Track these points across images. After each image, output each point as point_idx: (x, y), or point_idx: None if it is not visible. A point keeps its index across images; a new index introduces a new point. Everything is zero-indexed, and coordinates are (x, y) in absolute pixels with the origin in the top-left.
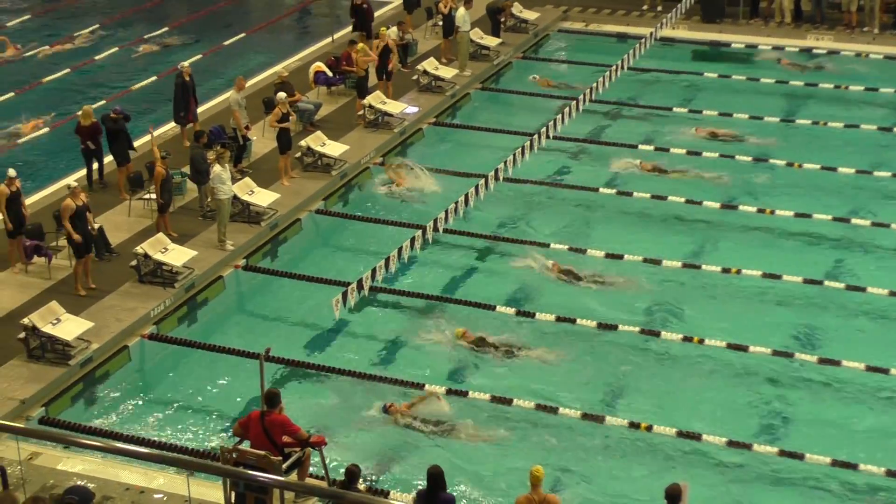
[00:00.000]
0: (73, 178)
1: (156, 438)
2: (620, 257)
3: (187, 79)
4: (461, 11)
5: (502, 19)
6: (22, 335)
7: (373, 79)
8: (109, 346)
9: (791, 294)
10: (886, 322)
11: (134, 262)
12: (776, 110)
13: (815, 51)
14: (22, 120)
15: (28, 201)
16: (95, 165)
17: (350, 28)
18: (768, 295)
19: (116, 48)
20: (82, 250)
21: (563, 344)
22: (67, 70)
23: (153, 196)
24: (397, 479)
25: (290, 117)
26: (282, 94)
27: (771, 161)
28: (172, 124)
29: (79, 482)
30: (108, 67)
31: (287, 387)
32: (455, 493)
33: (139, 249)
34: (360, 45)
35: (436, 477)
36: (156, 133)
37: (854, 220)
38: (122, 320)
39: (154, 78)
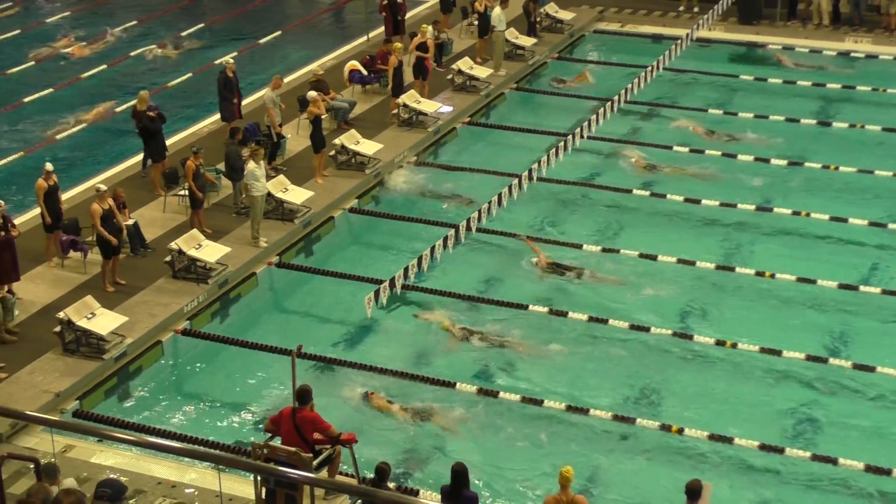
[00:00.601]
0: (113, 171)
1: (188, 433)
2: (654, 258)
3: (230, 74)
4: (497, 11)
5: (532, 19)
6: (57, 329)
7: (408, 77)
8: (143, 341)
9: (825, 298)
10: None
11: (168, 258)
12: (811, 113)
13: (824, 52)
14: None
15: (65, 196)
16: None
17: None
18: (802, 299)
19: (153, 45)
20: (110, 251)
21: (592, 344)
22: (104, 66)
23: (187, 192)
24: (425, 478)
25: (322, 114)
26: (312, 93)
27: (806, 164)
28: (207, 121)
29: (111, 475)
30: (144, 64)
31: (318, 384)
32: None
33: (173, 245)
34: (397, 43)
35: (460, 474)
36: (191, 130)
37: (891, 225)
38: (155, 315)
39: (190, 75)
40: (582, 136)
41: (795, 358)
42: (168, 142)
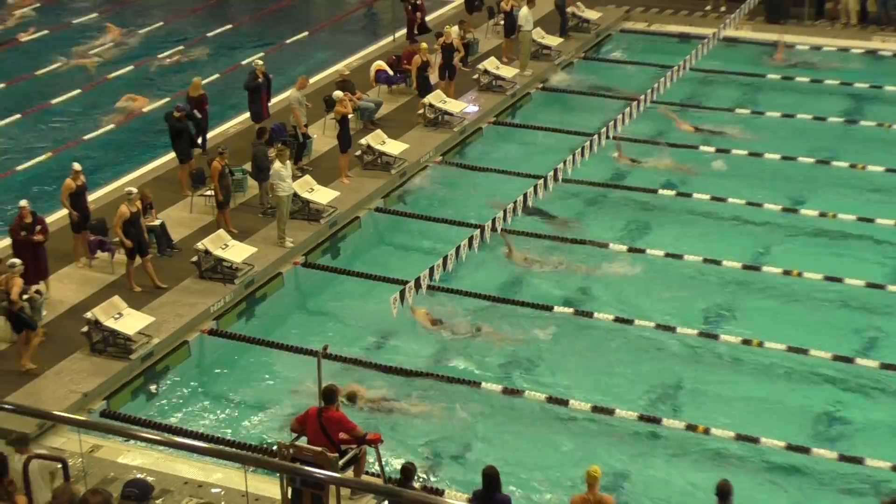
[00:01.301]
0: (141, 172)
1: (214, 433)
2: (680, 257)
3: (261, 78)
4: (524, 11)
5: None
6: (85, 329)
7: (434, 77)
8: (170, 341)
9: (852, 298)
10: None
11: (195, 258)
12: (838, 111)
13: (825, 48)
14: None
15: (92, 197)
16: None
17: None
18: (829, 298)
19: (182, 46)
20: (134, 254)
21: (620, 344)
22: (131, 67)
23: (213, 193)
24: (452, 478)
25: (349, 113)
26: (338, 93)
27: (833, 164)
28: (234, 122)
29: (138, 475)
30: (170, 65)
31: (344, 384)
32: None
33: (200, 245)
34: (423, 44)
35: (491, 477)
36: (217, 130)
37: None
38: (182, 316)
39: (217, 76)
40: (608, 137)
41: (822, 357)
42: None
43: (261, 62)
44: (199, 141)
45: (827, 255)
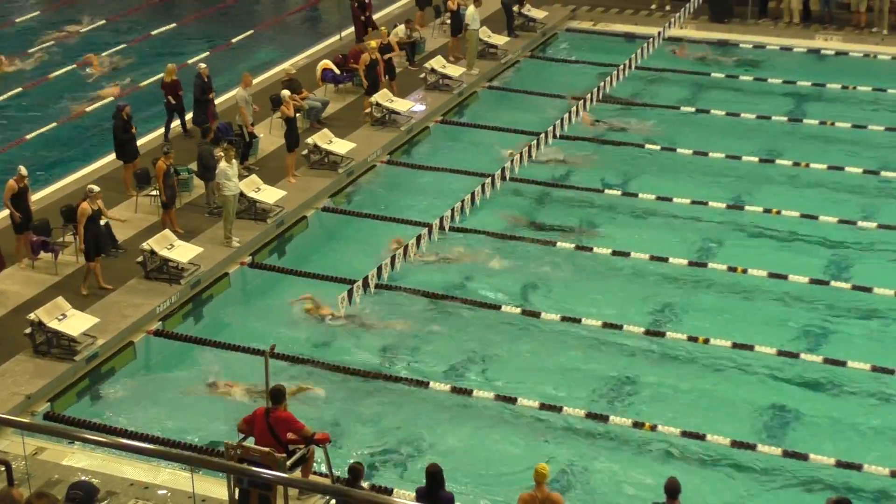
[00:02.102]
0: (86, 171)
1: (160, 435)
2: (627, 254)
3: (206, 79)
4: (471, 9)
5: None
6: (28, 330)
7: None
8: (115, 342)
9: (796, 294)
10: (892, 323)
11: (140, 259)
12: (783, 110)
13: (768, 47)
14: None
15: (35, 196)
16: (177, 121)
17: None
18: (774, 294)
19: (124, 45)
20: (93, 253)
21: (566, 341)
22: (73, 66)
23: (158, 192)
24: (400, 477)
25: (297, 111)
26: (285, 93)
27: (778, 162)
28: (179, 121)
29: (83, 477)
30: (114, 64)
31: (292, 384)
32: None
33: (145, 246)
34: (372, 42)
35: (435, 475)
36: (162, 130)
37: (861, 222)
38: (127, 316)
39: (161, 75)
40: (555, 135)
41: (767, 354)
42: (140, 142)
43: (203, 65)
44: (182, 127)
45: (771, 252)
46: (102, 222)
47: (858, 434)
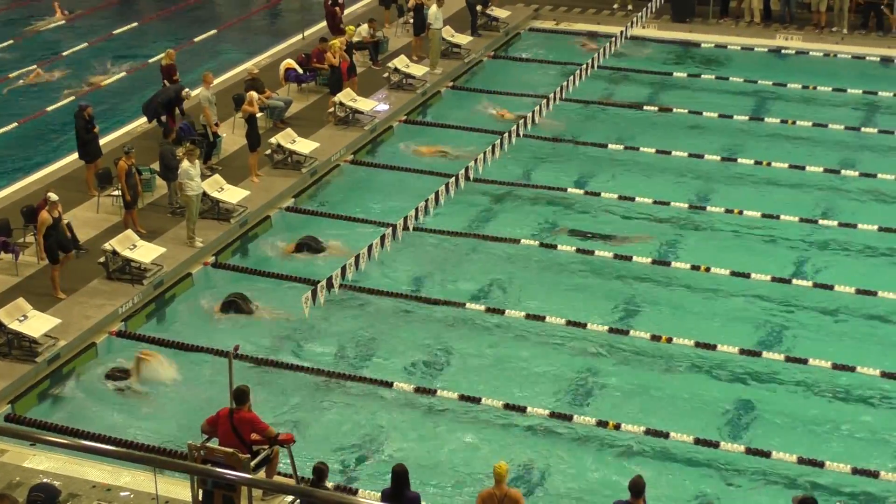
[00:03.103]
0: (44, 172)
1: (123, 436)
2: (591, 253)
3: (87, 118)
4: (433, 9)
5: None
6: None
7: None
8: (77, 343)
9: (759, 292)
10: (853, 320)
11: (102, 259)
12: (744, 109)
13: (730, 46)
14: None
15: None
16: None
17: (322, 24)
18: (736, 293)
19: (85, 44)
20: (57, 258)
21: (531, 342)
22: (33, 66)
23: (120, 192)
24: (365, 477)
25: (259, 110)
26: (252, 94)
27: (740, 161)
28: (141, 121)
29: (45, 480)
30: (77, 63)
31: (256, 384)
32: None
33: (107, 246)
34: (335, 41)
35: (401, 475)
36: (124, 130)
37: (822, 221)
38: (89, 317)
39: (123, 74)
40: (518, 135)
41: (729, 352)
42: (101, 142)
43: (86, 103)
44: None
45: (734, 250)
46: (66, 221)
47: (820, 431)
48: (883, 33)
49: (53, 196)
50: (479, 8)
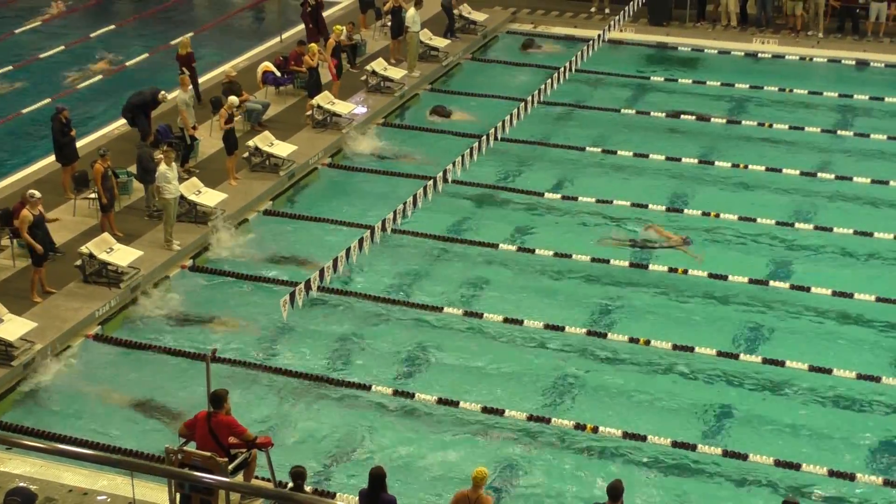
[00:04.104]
0: (20, 175)
1: (100, 440)
2: (569, 256)
3: (64, 121)
4: (411, 12)
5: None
6: None
7: (327, 77)
8: (53, 347)
9: (736, 295)
10: (829, 323)
11: (79, 262)
12: (721, 112)
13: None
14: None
15: None
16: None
17: (300, 27)
18: (714, 295)
19: (62, 46)
20: (42, 259)
21: (508, 343)
22: (10, 67)
23: (96, 195)
24: (343, 480)
25: (234, 117)
26: (233, 98)
27: (717, 164)
28: (118, 123)
29: (21, 484)
30: (53, 66)
31: (233, 388)
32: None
33: (84, 249)
34: (313, 44)
35: (378, 478)
36: (101, 132)
37: (798, 224)
38: (66, 321)
39: (100, 77)
40: (496, 138)
41: (707, 354)
42: (78, 144)
43: (62, 106)
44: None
45: (711, 252)
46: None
47: (797, 434)
48: (858, 37)
49: (36, 193)
50: (455, 11)
